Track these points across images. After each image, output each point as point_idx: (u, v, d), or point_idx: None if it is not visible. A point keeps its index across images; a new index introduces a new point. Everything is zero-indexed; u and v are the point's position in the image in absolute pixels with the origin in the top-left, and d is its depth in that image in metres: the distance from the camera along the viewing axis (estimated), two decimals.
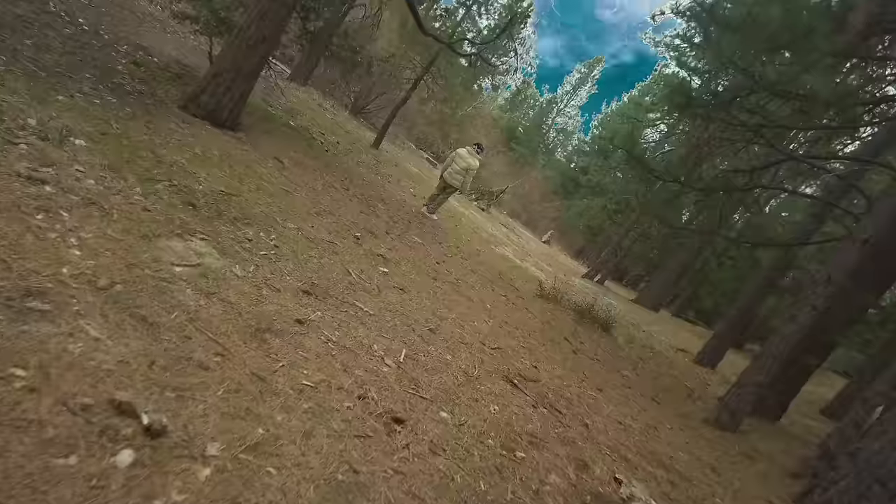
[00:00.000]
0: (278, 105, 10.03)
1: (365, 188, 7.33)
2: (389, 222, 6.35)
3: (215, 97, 5.10)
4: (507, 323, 5.31)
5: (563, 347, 5.84)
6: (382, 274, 4.34)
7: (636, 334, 10.11)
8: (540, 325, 6.15)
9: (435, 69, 12.84)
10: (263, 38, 4.99)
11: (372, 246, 4.90)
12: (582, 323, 7.71)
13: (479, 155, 8.55)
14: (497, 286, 7.02)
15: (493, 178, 25.88)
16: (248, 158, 4.93)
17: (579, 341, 6.66)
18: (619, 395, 5.22)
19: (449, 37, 9.35)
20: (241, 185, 4.20)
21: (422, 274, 5.11)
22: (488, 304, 5.70)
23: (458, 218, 11.07)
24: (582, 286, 14.77)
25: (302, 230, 4.09)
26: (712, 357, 10.15)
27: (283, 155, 5.79)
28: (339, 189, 6.15)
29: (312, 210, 4.74)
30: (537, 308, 7.07)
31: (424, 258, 5.86)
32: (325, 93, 17.19)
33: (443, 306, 4.51)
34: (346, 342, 2.79)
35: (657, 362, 8.42)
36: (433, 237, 7.41)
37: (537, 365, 4.47)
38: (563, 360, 5.20)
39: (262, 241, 3.46)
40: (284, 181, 4.98)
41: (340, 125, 12.74)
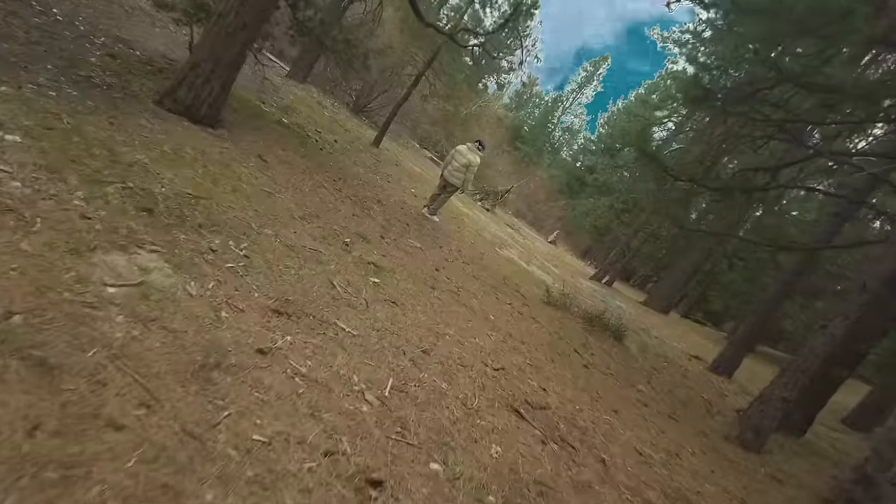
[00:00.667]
0: (273, 103, 9.61)
1: (360, 189, 6.89)
2: (385, 225, 5.90)
3: (193, 90, 4.66)
4: (512, 336, 4.85)
5: (574, 361, 5.38)
6: (373, 285, 3.89)
7: (648, 341, 9.62)
8: (548, 337, 5.69)
9: (437, 65, 12.38)
10: (244, 25, 4.55)
11: (363, 253, 4.45)
12: (592, 332, 7.24)
13: (479, 151, 8.10)
14: (501, 293, 6.56)
15: (498, 177, 25.41)
16: (227, 157, 4.49)
17: (590, 353, 6.19)
18: (636, 416, 4.75)
19: (451, 28, 8.88)
20: (215, 187, 3.76)
21: (418, 283, 4.66)
22: (491, 314, 5.24)
23: (460, 219, 10.61)
24: (590, 289, 14.28)
25: (281, 237, 3.65)
26: (728, 365, 9.64)
27: (268, 153, 5.35)
28: (331, 190, 5.71)
29: (296, 213, 4.30)
30: (545, 317, 6.60)
31: (422, 264, 5.41)
32: (326, 91, 16.78)
33: (440, 320, 4.05)
34: (319, 374, 2.34)
35: (671, 373, 7.93)
36: (433, 241, 6.96)
37: (546, 386, 4.00)
38: (573, 378, 4.74)
39: (229, 251, 3.01)
40: (266, 182, 4.54)
41: (340, 123, 12.32)
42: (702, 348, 13.31)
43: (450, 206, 10.48)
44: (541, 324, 6.12)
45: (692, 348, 12.05)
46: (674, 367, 8.36)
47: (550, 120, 51.81)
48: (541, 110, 52.74)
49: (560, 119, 52.05)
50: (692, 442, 5.02)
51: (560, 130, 52.69)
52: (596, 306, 10.72)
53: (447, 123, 25.83)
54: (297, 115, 9.81)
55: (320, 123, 10.46)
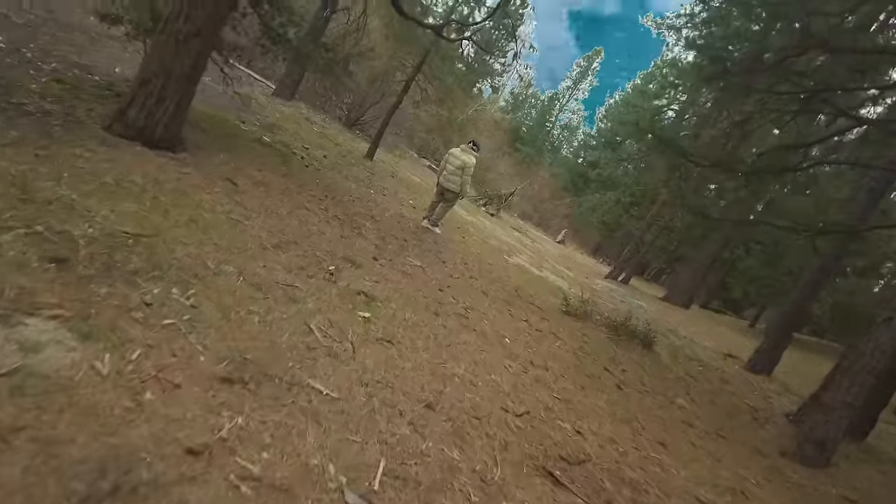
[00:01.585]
0: (256, 121, 9.04)
1: (350, 205, 6.26)
2: (379, 245, 5.27)
3: (145, 110, 4.06)
4: (533, 363, 4.17)
5: (605, 384, 4.69)
6: (362, 322, 3.24)
7: (677, 343, 8.88)
8: (572, 357, 5.00)
9: (427, 69, 11.80)
10: (197, 32, 3.95)
11: (351, 281, 3.81)
12: (619, 341, 6.54)
13: (474, 152, 7.47)
14: (515, 308, 5.89)
15: (500, 180, 24.80)
16: (187, 183, 3.88)
17: (621, 369, 5.49)
18: (685, 444, 4.05)
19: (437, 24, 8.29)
20: (164, 221, 3.14)
21: (419, 310, 4.00)
22: (507, 336, 4.57)
23: (465, 227, 9.96)
24: (607, 289, 13.54)
25: (246, 274, 3.01)
26: (766, 362, 8.87)
27: (239, 175, 4.74)
28: (315, 210, 5.08)
29: (269, 242, 3.67)
30: (566, 330, 5.92)
31: (423, 286, 4.76)
32: (315, 106, 16.26)
33: (447, 356, 3.39)
34: (279, 472, 1.69)
35: (709, 378, 7.19)
36: (435, 256, 6.31)
37: (581, 426, 3.33)
38: (609, 406, 4.05)
39: (171, 301, 2.38)
40: (234, 208, 3.91)
41: (330, 138, 11.74)
42: (733, 343, 12.52)
43: (452, 214, 9.84)
44: (563, 340, 5.44)
45: (723, 345, 11.27)
46: (710, 372, 7.62)
47: (548, 119, 51.28)
48: (538, 110, 52.24)
49: (558, 117, 51.49)
50: (750, 466, 4.31)
51: (559, 129, 52.13)
52: (618, 309, 10.00)
53: (444, 130, 25.27)
54: (283, 132, 9.24)
55: (308, 139, 9.89)
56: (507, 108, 50.92)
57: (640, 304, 13.11)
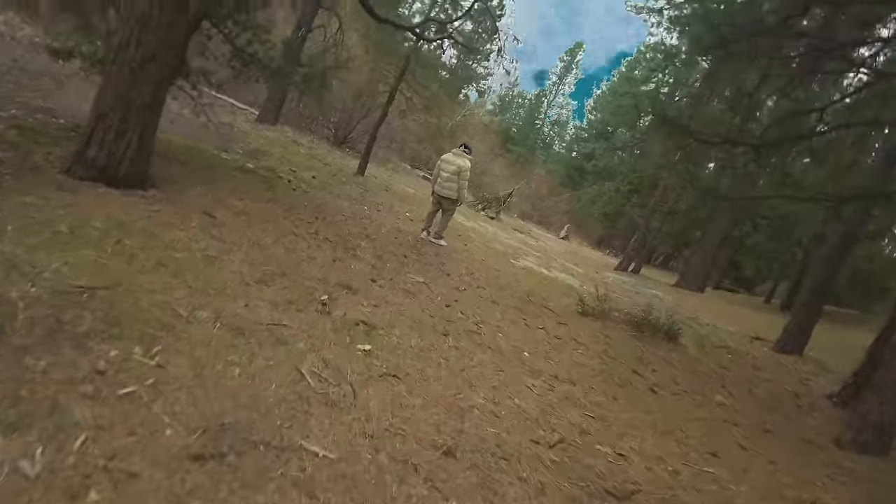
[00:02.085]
0: (239, 149, 8.74)
1: (343, 225, 5.90)
2: (377, 264, 4.89)
3: (105, 148, 3.73)
4: (558, 377, 3.78)
5: (638, 389, 4.29)
6: (362, 356, 2.86)
7: (702, 332, 8.45)
8: (598, 363, 4.60)
9: (410, 78, 11.50)
10: (152, 57, 3.62)
11: (348, 309, 3.43)
12: (643, 338, 6.13)
13: (467, 154, 7.13)
14: (529, 315, 5.50)
15: (497, 182, 24.47)
16: (157, 222, 3.52)
17: (651, 370, 5.09)
18: (736, 452, 3.64)
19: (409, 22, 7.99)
20: (129, 267, 2.78)
21: (426, 332, 3.62)
22: (525, 350, 4.18)
23: (466, 235, 9.59)
24: (619, 282, 13.12)
25: (224, 318, 2.64)
26: (795, 342, 8.40)
27: (218, 207, 4.39)
28: (304, 235, 4.72)
29: (251, 277, 3.30)
30: (586, 334, 5.52)
31: (429, 304, 4.38)
32: (302, 128, 16.00)
33: (463, 383, 3.01)
34: None
35: (741, 367, 6.76)
36: (438, 269, 5.94)
37: (622, 447, 2.93)
38: (647, 417, 3.65)
39: (131, 364, 2.01)
40: (211, 244, 3.55)
41: (319, 158, 11.43)
42: (755, 324, 12.06)
43: (451, 222, 9.48)
44: (585, 345, 5.04)
45: (746, 327, 10.81)
46: (740, 359, 7.18)
47: (537, 117, 51.11)
48: (526, 109, 52.10)
49: (546, 114, 51.32)
50: (809, 464, 3.89)
51: (548, 125, 51.92)
52: (634, 302, 9.58)
53: (434, 138, 25.01)
54: (268, 157, 8.92)
55: (295, 162, 9.57)
56: (495, 111, 50.81)
57: (655, 294, 12.68)
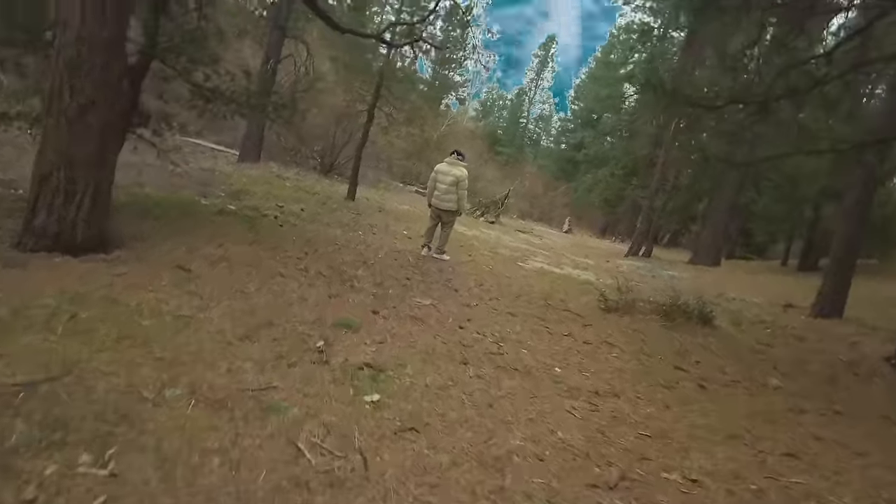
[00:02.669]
0: (220, 192, 8.36)
1: (337, 255, 5.48)
2: (378, 293, 4.45)
3: (54, 213, 3.32)
4: (599, 392, 3.31)
5: (686, 387, 3.82)
6: (371, 410, 2.41)
7: (732, 308, 7.94)
8: (637, 365, 4.14)
9: (386, 92, 11.16)
10: (91, 103, 3.22)
11: (349, 353, 2.98)
12: (675, 326, 5.65)
13: (461, 161, 6.74)
14: (551, 322, 5.04)
15: (491, 186, 24.10)
16: (121, 287, 3.10)
17: (694, 361, 4.61)
18: (816, 447, 3.14)
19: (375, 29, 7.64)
20: (84, 348, 2.35)
21: (442, 366, 3.17)
22: (556, 365, 3.72)
23: (468, 245, 9.15)
24: (633, 268, 12.64)
25: (200, 391, 2.20)
26: (833, 304, 7.88)
27: (194, 258, 3.97)
28: (293, 274, 4.29)
29: (233, 334, 2.86)
30: (615, 332, 5.05)
31: (440, 329, 3.93)
32: (286, 162, 15.68)
33: (494, 424, 2.55)
34: None
35: (785, 341, 6.25)
36: (445, 286, 5.49)
37: (691, 469, 2.46)
38: (706, 420, 3.17)
39: (75, 481, 1.57)
40: (185, 302, 3.12)
41: (306, 190, 11.05)
42: (782, 290, 11.53)
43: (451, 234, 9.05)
44: (618, 347, 4.57)
45: (774, 295, 10.28)
46: (781, 332, 6.67)
47: (520, 115, 50.95)
48: (508, 110, 51.95)
49: (529, 111, 51.19)
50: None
51: (533, 122, 51.77)
52: (655, 287, 9.10)
53: (422, 152, 24.75)
54: (251, 196, 8.54)
55: (281, 196, 9.18)
56: (478, 117, 50.76)
57: (673, 274, 12.20)
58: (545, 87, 50.87)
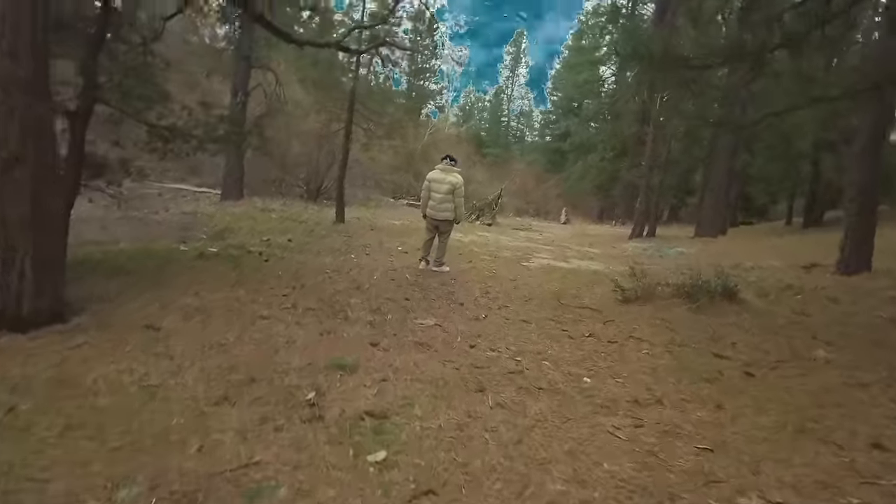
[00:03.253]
0: (202, 235, 7.99)
1: (328, 285, 5.06)
2: (375, 321, 4.03)
3: None
4: (639, 401, 2.88)
5: (732, 377, 3.39)
6: (376, 473, 1.98)
7: (751, 278, 7.49)
8: (671, 359, 3.71)
9: (361, 107, 10.80)
10: (15, 157, 2.83)
11: (346, 401, 2.56)
12: (701, 309, 5.23)
13: (454, 167, 6.36)
14: (568, 323, 4.62)
15: (482, 188, 23.73)
16: (76, 362, 2.69)
17: (730, 344, 4.19)
18: None
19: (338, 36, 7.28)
20: (18, 448, 1.93)
21: (456, 399, 2.74)
22: (584, 374, 3.29)
23: (468, 252, 8.74)
24: (640, 250, 12.24)
25: (164, 484, 1.78)
26: (859, 258, 7.44)
27: (168, 312, 3.57)
28: (278, 314, 3.87)
29: (209, 399, 2.45)
30: (641, 325, 4.63)
31: (449, 352, 3.50)
32: (271, 193, 15.35)
33: (527, 466, 2.11)
34: None
35: (818, 306, 5.81)
36: (449, 300, 5.08)
37: (768, 486, 2.03)
38: (768, 418, 2.74)
39: None
40: (152, 368, 2.71)
41: (293, 219, 10.67)
42: (796, 250, 11.11)
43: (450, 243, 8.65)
44: (646, 341, 4.14)
45: (791, 257, 9.83)
46: (812, 296, 6.23)
47: (501, 114, 50.74)
48: (488, 111, 51.76)
49: (509, 108, 50.96)
50: None
51: (514, 119, 51.53)
52: (666, 267, 8.69)
53: (409, 164, 24.46)
54: (236, 234, 8.16)
55: (267, 230, 8.80)
56: (459, 122, 50.63)
57: (682, 251, 11.79)
58: (521, 83, 50.78)
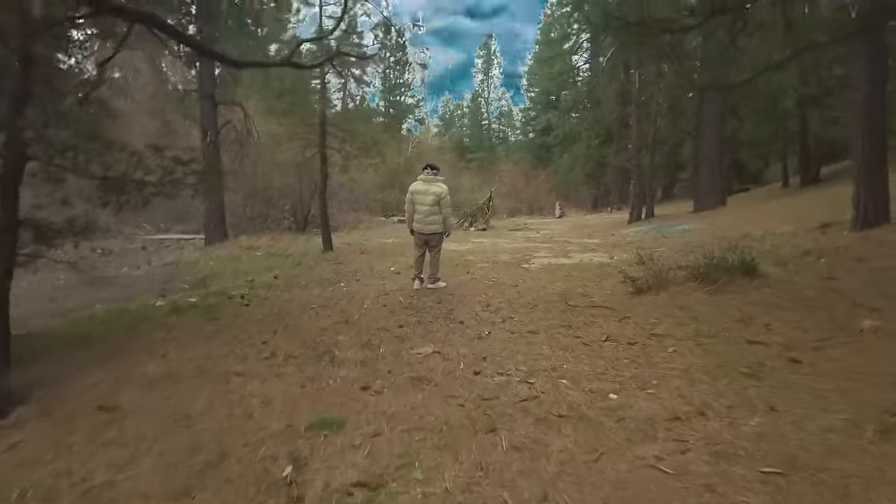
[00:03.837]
0: (183, 285, 7.57)
1: (313, 323, 4.62)
2: (366, 358, 3.59)
3: None
4: (679, 416, 2.43)
5: (776, 367, 2.96)
6: None
7: (766, 248, 7.05)
8: (703, 355, 3.27)
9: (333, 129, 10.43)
10: None
11: (331, 470, 2.12)
12: (720, 290, 4.80)
13: (437, 175, 5.98)
14: (580, 327, 4.18)
15: (472, 194, 23.38)
16: (6, 469, 2.25)
17: (764, 327, 3.75)
18: None
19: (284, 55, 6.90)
20: None
21: (464, 446, 2.29)
22: (609, 390, 2.84)
23: (464, 262, 8.30)
24: (642, 233, 11.82)
25: None
26: (877, 210, 6.98)
27: (126, 386, 3.13)
28: (254, 369, 3.42)
29: (166, 493, 2.00)
30: (660, 318, 4.18)
31: (451, 384, 3.06)
32: (258, 230, 14.94)
33: None
34: None
35: (846, 268, 5.36)
36: (448, 320, 4.64)
37: None
38: (826, 412, 2.31)
39: None
40: (102, 460, 2.27)
41: (279, 253, 10.26)
42: (803, 211, 10.70)
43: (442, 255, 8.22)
44: (671, 336, 3.70)
45: (801, 219, 9.39)
46: (837, 259, 5.79)
47: (481, 118, 50.62)
48: (468, 116, 51.64)
49: (489, 111, 50.87)
50: None
51: (495, 121, 51.40)
52: (675, 248, 8.27)
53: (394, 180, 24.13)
54: (218, 279, 7.74)
55: (252, 269, 8.38)
56: (441, 132, 50.57)
57: (685, 228, 11.37)
58: (497, 84, 50.74)
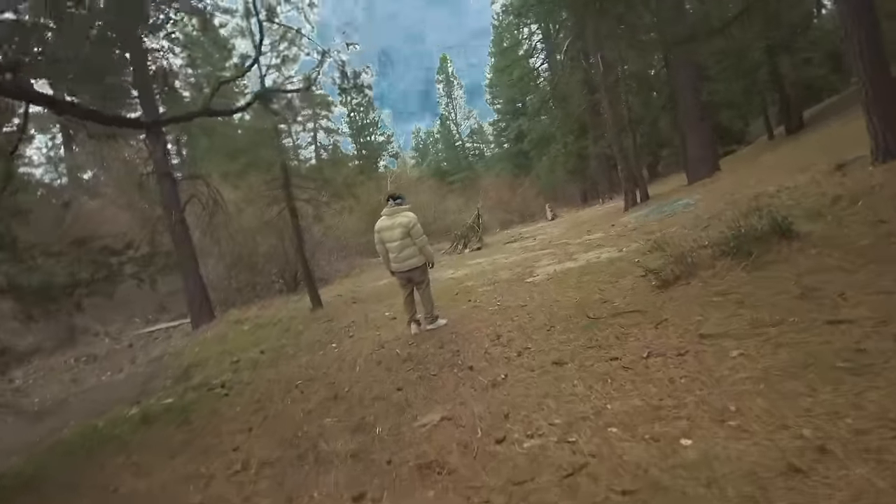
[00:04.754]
0: (165, 383, 6.84)
1: (296, 405, 3.87)
2: (360, 445, 2.83)
3: None
4: (790, 462, 1.68)
5: (886, 351, 2.22)
6: None
7: (788, 203, 6.34)
8: (780, 356, 2.54)
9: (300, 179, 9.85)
10: None
11: None
12: (761, 264, 4.09)
13: (402, 205, 5.34)
14: (614, 344, 3.43)
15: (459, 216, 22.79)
16: None
17: (837, 298, 3.03)
18: None
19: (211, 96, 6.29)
20: None
21: None
22: (679, 433, 2.11)
23: (464, 289, 7.56)
24: (643, 218, 11.13)
25: None
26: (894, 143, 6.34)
27: None
28: (219, 492, 2.68)
29: None
30: (704, 314, 3.45)
31: (471, 466, 2.31)
32: (247, 299, 14.24)
33: None
34: None
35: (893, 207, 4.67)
36: (454, 367, 3.89)
37: None
38: None
39: None
40: None
41: (267, 323, 9.52)
42: (805, 158, 10.05)
43: (438, 286, 7.50)
44: (729, 337, 2.97)
45: (809, 165, 8.71)
46: (877, 200, 5.05)
47: (454, 141, 50.62)
48: (441, 140, 51.66)
49: (460, 132, 50.95)
50: None
51: (468, 140, 51.39)
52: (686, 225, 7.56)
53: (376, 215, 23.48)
54: (203, 366, 7.02)
55: (238, 347, 7.66)
56: (419, 162, 50.56)
57: (687, 202, 10.70)
58: (461, 104, 50.90)
